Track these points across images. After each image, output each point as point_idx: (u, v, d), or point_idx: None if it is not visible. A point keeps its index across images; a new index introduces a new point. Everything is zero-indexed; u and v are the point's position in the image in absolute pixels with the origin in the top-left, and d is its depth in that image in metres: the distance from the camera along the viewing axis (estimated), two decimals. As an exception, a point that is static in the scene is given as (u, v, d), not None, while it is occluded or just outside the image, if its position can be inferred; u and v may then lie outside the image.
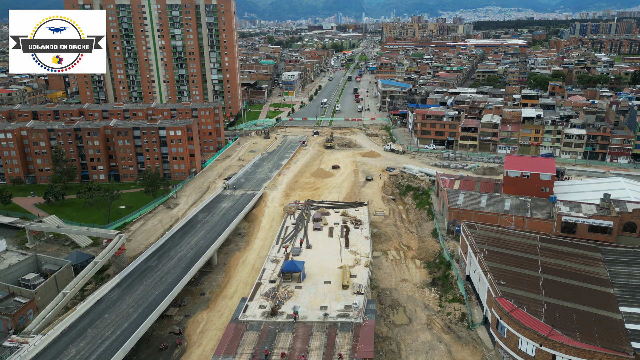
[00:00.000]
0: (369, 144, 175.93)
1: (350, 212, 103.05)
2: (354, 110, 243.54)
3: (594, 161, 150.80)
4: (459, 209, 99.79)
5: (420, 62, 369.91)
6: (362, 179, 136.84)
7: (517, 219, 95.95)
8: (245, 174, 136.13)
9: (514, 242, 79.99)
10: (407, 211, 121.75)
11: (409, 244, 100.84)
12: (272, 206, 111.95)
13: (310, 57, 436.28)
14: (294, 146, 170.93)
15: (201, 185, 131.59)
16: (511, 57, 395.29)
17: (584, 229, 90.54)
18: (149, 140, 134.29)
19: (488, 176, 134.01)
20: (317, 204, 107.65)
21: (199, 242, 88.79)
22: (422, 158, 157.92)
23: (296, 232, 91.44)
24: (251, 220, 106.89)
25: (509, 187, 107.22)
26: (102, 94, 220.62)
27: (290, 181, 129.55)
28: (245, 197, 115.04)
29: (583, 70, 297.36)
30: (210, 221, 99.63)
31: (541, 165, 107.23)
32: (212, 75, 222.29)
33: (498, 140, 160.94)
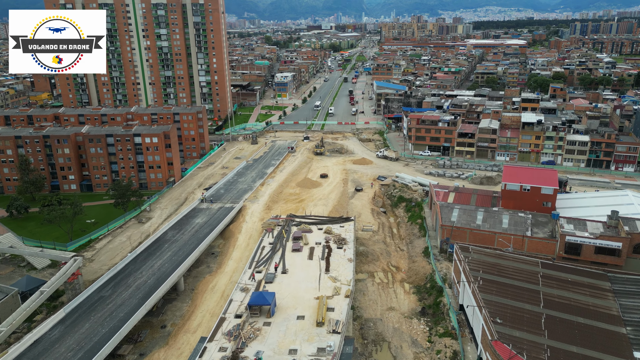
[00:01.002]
0: (361, 150, 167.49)
1: (335, 229, 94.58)
2: (348, 113, 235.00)
3: (598, 169, 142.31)
4: (453, 226, 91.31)
5: (418, 63, 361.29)
6: (352, 189, 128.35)
7: (516, 239, 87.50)
8: (226, 184, 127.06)
9: (512, 268, 71.53)
10: (399, 225, 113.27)
11: (399, 265, 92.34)
12: (250, 221, 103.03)
13: (306, 57, 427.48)
14: (282, 152, 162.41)
15: (179, 197, 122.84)
16: (511, 57, 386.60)
17: (589, 251, 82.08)
18: (124, 147, 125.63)
19: (485, 187, 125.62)
20: (299, 220, 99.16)
21: (163, 266, 79.71)
22: (416, 165, 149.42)
23: (273, 254, 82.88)
24: (227, 238, 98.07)
25: (507, 201, 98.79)
26: (85, 97, 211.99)
27: (274, 192, 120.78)
28: (223, 211, 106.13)
29: (585, 72, 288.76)
30: (180, 240, 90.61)
31: (542, 177, 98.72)
32: (200, 77, 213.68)
33: (496, 147, 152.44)
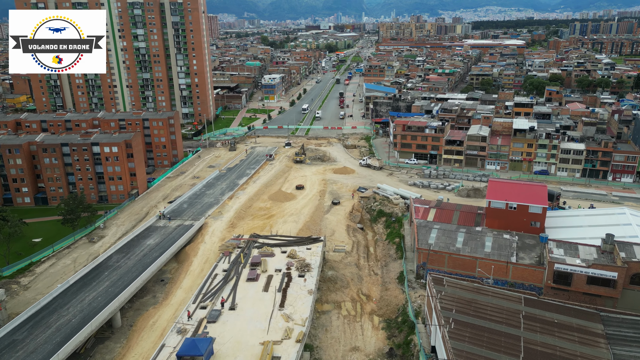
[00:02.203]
0: (345, 158, 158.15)
1: (300, 252, 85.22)
2: (337, 117, 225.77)
3: (594, 180, 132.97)
4: (429, 250, 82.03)
5: (412, 64, 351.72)
6: (328, 202, 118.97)
7: (499, 265, 78.22)
8: (192, 197, 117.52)
9: (491, 307, 62.21)
10: (376, 243, 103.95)
11: (370, 292, 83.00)
12: (210, 242, 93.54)
13: (298, 58, 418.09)
14: (259, 160, 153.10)
15: (139, 211, 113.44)
16: (508, 58, 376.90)
17: (581, 281, 72.81)
18: (81, 158, 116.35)
19: (472, 200, 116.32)
20: (262, 240, 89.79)
21: (95, 301, 70.29)
22: (401, 175, 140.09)
23: (224, 284, 73.53)
24: (181, 261, 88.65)
25: (491, 221, 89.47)
26: (60, 100, 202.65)
27: (242, 206, 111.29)
28: (181, 229, 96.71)
29: (583, 73, 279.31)
30: (123, 266, 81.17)
31: (530, 194, 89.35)
32: (180, 79, 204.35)
33: (486, 155, 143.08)
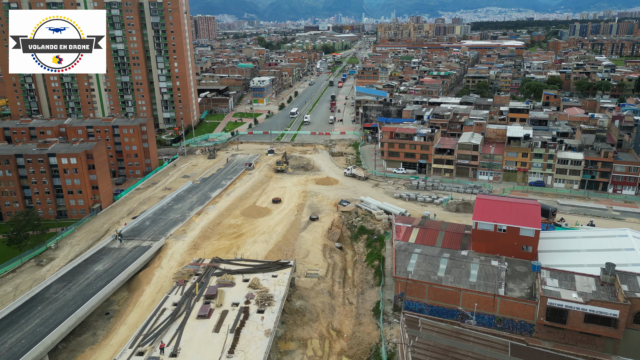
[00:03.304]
0: (329, 167, 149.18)
1: (264, 281, 76.26)
2: (327, 121, 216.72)
3: (593, 193, 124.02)
4: (408, 279, 73.09)
5: (407, 66, 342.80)
6: (306, 217, 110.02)
7: (486, 298, 69.32)
8: (157, 212, 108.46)
9: (471, 357, 53.29)
10: (355, 265, 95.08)
11: (341, 327, 74.07)
12: (167, 266, 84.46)
13: (292, 60, 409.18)
14: (238, 170, 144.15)
15: (99, 228, 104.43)
16: (506, 60, 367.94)
17: (578, 319, 63.93)
18: (36, 170, 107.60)
19: (460, 216, 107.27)
20: (224, 266, 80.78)
21: (19, 343, 61.32)
22: (387, 186, 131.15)
23: (171, 321, 64.59)
24: (133, 289, 79.65)
25: (479, 244, 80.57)
26: (35, 105, 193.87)
27: (210, 224, 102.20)
28: (136, 252, 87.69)
29: (582, 76, 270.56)
30: (62, 298, 72.23)
31: (522, 214, 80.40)
32: (160, 82, 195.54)
33: (478, 165, 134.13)
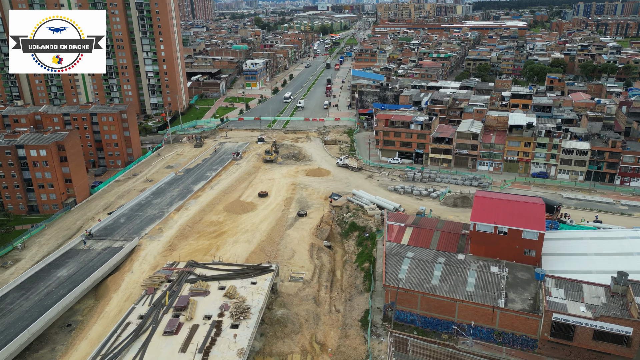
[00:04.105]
0: (321, 156, 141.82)
1: (242, 289, 69.64)
2: (321, 106, 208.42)
3: (600, 185, 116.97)
4: (399, 288, 66.53)
5: (407, 47, 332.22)
6: (293, 213, 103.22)
7: (484, 310, 62.85)
8: (134, 208, 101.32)
9: (466, 387, 47.02)
10: (344, 266, 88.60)
11: (326, 339, 67.73)
12: (139, 270, 77.69)
13: (289, 41, 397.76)
14: (225, 159, 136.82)
15: (71, 225, 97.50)
16: (508, 41, 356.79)
17: (586, 335, 57.57)
18: (4, 162, 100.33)
19: (458, 211, 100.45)
20: (200, 270, 74.08)
21: (-40, 367, 55.78)
22: (382, 178, 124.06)
23: (134, 338, 58.16)
24: (100, 297, 73.00)
25: (477, 247, 73.84)
26: (16, 90, 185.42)
27: (189, 221, 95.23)
28: (106, 254, 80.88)
29: (587, 58, 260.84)
30: (17, 310, 65.59)
31: (525, 214, 73.44)
32: (146, 66, 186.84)
33: (478, 155, 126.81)
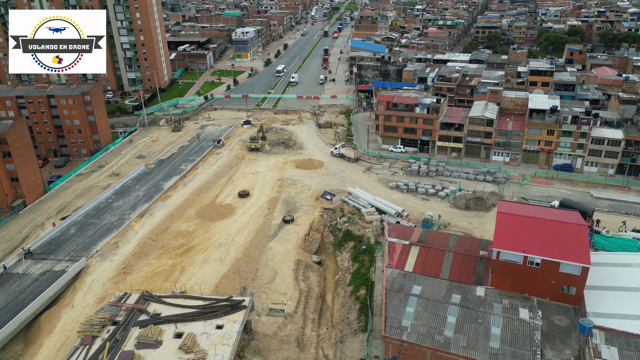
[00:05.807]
0: (314, 143, 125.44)
1: (203, 336, 55.05)
2: (317, 81, 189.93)
3: (634, 181, 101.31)
4: (402, 341, 51.91)
5: (410, 13, 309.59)
6: (278, 219, 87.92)
7: (512, 377, 48.34)
8: (89, 214, 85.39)
9: None
10: (337, 288, 74.06)
11: (309, 401, 53.69)
12: (81, 305, 62.71)
13: (284, 6, 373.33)
14: (204, 148, 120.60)
15: (16, 235, 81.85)
16: (519, 6, 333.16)
17: (652, 421, 43.29)
18: None
19: (471, 216, 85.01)
20: (155, 306, 59.44)
21: None
22: (382, 171, 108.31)
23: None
24: (30, 340, 58.71)
25: (500, 279, 58.85)
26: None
27: (153, 231, 79.75)
28: (45, 280, 65.85)
29: (605, 25, 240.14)
30: None
31: (563, 240, 57.90)
32: (121, 37, 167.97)
33: (492, 144, 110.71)
